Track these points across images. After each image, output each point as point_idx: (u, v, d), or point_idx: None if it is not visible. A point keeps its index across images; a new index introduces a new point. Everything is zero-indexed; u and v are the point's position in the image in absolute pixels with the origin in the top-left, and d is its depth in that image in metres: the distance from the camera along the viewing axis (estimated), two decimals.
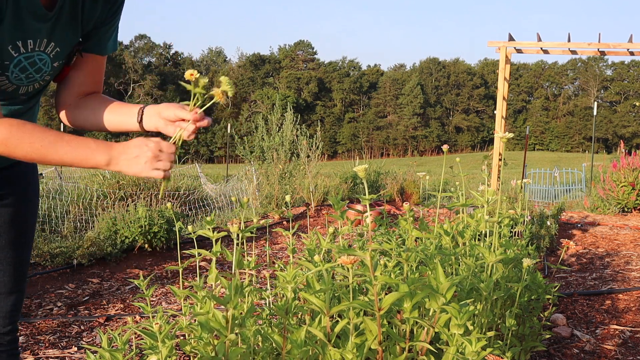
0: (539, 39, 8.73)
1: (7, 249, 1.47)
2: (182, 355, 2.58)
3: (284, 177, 8.17)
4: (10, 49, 1.22)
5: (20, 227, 1.50)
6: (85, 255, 4.36)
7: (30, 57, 1.27)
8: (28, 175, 1.52)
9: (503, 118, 8.78)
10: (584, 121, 70.53)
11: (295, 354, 1.23)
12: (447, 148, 1.86)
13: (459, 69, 78.60)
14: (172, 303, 3.58)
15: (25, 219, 1.51)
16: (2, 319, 1.49)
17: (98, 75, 1.43)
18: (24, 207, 1.51)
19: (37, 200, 1.57)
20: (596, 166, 11.24)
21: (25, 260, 1.53)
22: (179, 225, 1.76)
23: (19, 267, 1.50)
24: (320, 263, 1.44)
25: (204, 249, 1.55)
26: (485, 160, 13.54)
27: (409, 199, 9.13)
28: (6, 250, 1.47)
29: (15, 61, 1.25)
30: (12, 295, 1.50)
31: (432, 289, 1.26)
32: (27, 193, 1.52)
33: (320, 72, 75.38)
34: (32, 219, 1.54)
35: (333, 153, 64.96)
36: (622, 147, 9.18)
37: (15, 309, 1.51)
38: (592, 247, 5.25)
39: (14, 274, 1.49)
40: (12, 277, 1.49)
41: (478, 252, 1.84)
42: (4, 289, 1.48)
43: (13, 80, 1.28)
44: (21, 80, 1.30)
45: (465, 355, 1.26)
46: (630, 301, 3.41)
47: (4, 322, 1.50)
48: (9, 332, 1.51)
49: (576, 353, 2.60)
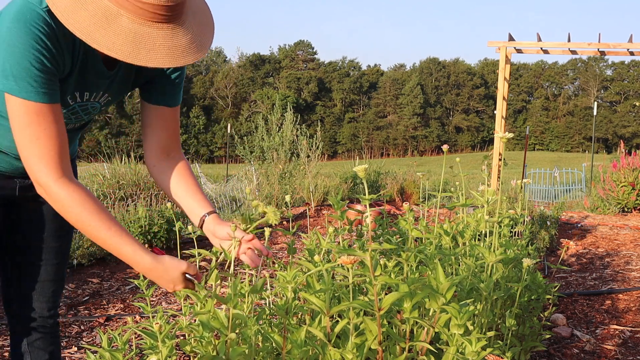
0: (539, 39, 8.73)
1: (50, 239, 1.61)
2: (182, 355, 2.58)
3: (284, 177, 8.17)
4: (68, 98, 1.36)
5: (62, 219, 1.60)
6: (85, 255, 4.36)
7: (84, 105, 1.42)
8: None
9: (503, 118, 8.78)
10: (584, 121, 70.52)
11: (295, 354, 1.23)
12: (447, 148, 1.86)
13: (459, 69, 78.57)
14: (172, 303, 3.58)
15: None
16: (45, 303, 1.64)
17: (172, 129, 1.52)
18: None
19: None
20: (596, 166, 11.24)
21: (66, 250, 1.68)
22: (179, 225, 1.76)
23: (61, 256, 1.65)
24: (320, 263, 1.44)
25: (204, 249, 1.55)
26: (485, 160, 13.54)
27: (409, 199, 9.13)
28: (49, 241, 1.61)
29: (70, 108, 1.39)
30: (54, 282, 1.64)
31: (432, 289, 1.26)
32: None
33: (320, 72, 75.37)
34: None
35: (333, 153, 64.94)
36: (622, 147, 9.18)
37: (57, 294, 1.67)
38: (592, 247, 5.25)
39: (57, 263, 1.64)
40: (54, 266, 1.63)
41: (478, 252, 1.84)
42: (47, 277, 1.62)
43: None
44: (69, 119, 1.44)
45: (465, 355, 1.26)
46: (630, 301, 3.41)
47: (48, 307, 1.65)
48: (52, 316, 1.67)
49: (576, 353, 2.60)
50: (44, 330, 1.66)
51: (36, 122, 1.20)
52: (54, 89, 1.22)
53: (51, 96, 1.22)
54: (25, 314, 1.63)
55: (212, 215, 1.46)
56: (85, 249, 4.39)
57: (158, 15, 1.14)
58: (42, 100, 1.19)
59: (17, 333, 1.66)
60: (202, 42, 1.23)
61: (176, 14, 1.17)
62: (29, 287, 1.62)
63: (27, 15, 1.16)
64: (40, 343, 1.66)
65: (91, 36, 1.12)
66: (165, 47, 1.16)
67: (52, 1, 1.13)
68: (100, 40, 1.12)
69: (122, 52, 1.13)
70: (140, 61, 1.14)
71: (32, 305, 1.63)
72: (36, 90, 1.18)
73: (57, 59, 1.22)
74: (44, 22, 1.17)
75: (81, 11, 1.12)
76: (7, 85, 1.17)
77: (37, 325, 1.65)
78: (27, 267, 1.61)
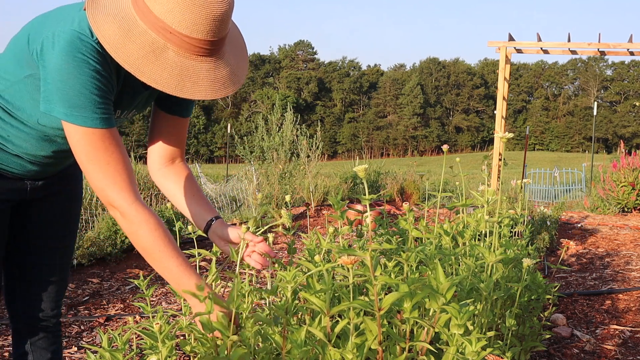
0: (539, 39, 8.73)
1: (55, 240, 1.64)
2: (182, 355, 2.58)
3: (284, 177, 8.17)
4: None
5: (68, 218, 1.69)
6: (85, 255, 4.36)
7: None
8: (78, 175, 1.71)
9: (503, 118, 8.78)
10: (584, 121, 70.52)
11: (295, 354, 1.23)
12: (447, 148, 1.86)
13: (459, 69, 78.57)
14: (172, 303, 3.58)
15: (73, 212, 1.70)
16: (49, 303, 1.66)
17: (181, 136, 1.56)
18: (73, 202, 1.70)
19: (81, 196, 1.76)
20: (596, 166, 11.24)
21: (70, 249, 1.71)
22: (179, 225, 1.75)
23: (65, 255, 1.68)
24: (321, 263, 1.43)
25: (204, 248, 1.55)
26: (485, 160, 13.54)
27: (409, 199, 9.13)
28: (54, 242, 1.64)
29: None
30: (58, 282, 1.67)
31: (432, 289, 1.26)
32: (76, 191, 1.71)
33: (320, 72, 75.37)
34: (78, 213, 1.74)
35: (333, 153, 64.94)
36: (622, 147, 9.19)
37: (60, 294, 1.70)
38: (592, 247, 5.25)
39: (61, 263, 1.67)
40: (59, 266, 1.66)
41: (478, 252, 1.84)
42: (52, 277, 1.65)
43: None
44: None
45: (465, 355, 1.26)
46: (630, 301, 3.41)
47: (52, 306, 1.67)
48: (55, 315, 1.69)
49: (576, 353, 2.60)
50: (47, 330, 1.68)
51: (103, 149, 1.22)
52: (111, 114, 1.26)
53: (111, 121, 1.25)
54: (29, 314, 1.65)
55: (219, 220, 1.49)
56: (85, 249, 4.38)
57: (203, 50, 1.18)
58: (106, 125, 1.22)
59: (19, 333, 1.67)
60: (239, 73, 1.28)
61: (219, 47, 1.21)
62: (34, 287, 1.63)
63: (80, 47, 1.18)
64: (43, 342, 1.67)
65: (140, 70, 1.16)
66: (208, 79, 1.21)
67: (102, 35, 1.16)
68: (149, 73, 1.16)
69: (169, 85, 1.17)
70: (185, 94, 1.19)
71: (37, 305, 1.64)
72: (100, 117, 1.21)
73: (111, 84, 1.26)
74: (97, 52, 1.20)
75: (130, 44, 1.15)
76: (70, 116, 1.19)
77: (40, 325, 1.66)
78: (33, 267, 1.63)
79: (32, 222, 1.60)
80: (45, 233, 1.62)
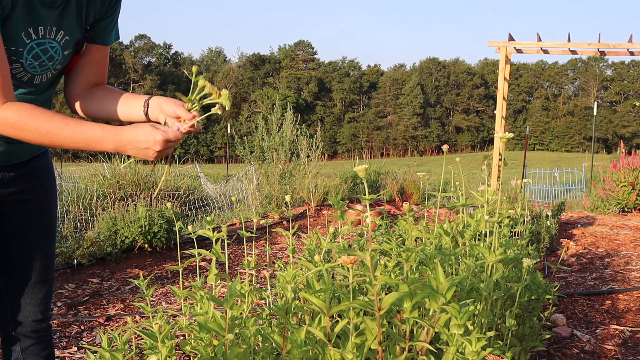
0: (539, 39, 8.73)
1: (37, 238, 1.57)
2: (182, 355, 2.58)
3: (284, 177, 8.17)
4: (23, 35, 1.30)
5: (46, 216, 1.61)
6: (85, 255, 4.36)
7: (42, 44, 1.35)
8: (49, 168, 1.63)
9: (503, 118, 8.78)
10: (584, 121, 70.53)
11: (295, 354, 1.23)
12: (447, 148, 1.86)
13: (459, 69, 78.58)
14: (172, 303, 3.58)
15: (50, 209, 1.62)
16: (37, 307, 1.60)
17: (103, 65, 1.52)
18: (48, 198, 1.61)
19: (56, 191, 1.68)
20: (596, 166, 11.24)
21: (53, 248, 1.63)
22: (179, 225, 1.75)
23: (49, 256, 1.61)
24: (321, 263, 1.43)
25: (204, 249, 1.55)
26: (485, 160, 13.54)
27: (409, 199, 9.13)
28: (36, 240, 1.57)
29: (28, 47, 1.32)
30: (44, 284, 1.60)
31: (432, 289, 1.26)
32: (49, 185, 1.62)
33: (320, 72, 75.37)
34: (55, 208, 1.65)
35: (333, 153, 64.94)
36: (622, 147, 9.18)
37: (48, 297, 1.62)
38: (592, 247, 5.25)
39: (45, 263, 1.60)
40: (43, 265, 1.59)
41: (478, 252, 1.84)
42: (36, 278, 1.58)
43: (27, 68, 1.35)
44: (35, 68, 1.37)
45: (465, 355, 1.26)
46: (630, 301, 3.41)
47: (40, 310, 1.60)
48: (44, 319, 1.62)
49: (576, 353, 2.60)
50: (37, 335, 1.62)
51: None
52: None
53: None
54: (18, 320, 1.59)
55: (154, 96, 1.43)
56: (85, 249, 4.38)
57: None
58: None
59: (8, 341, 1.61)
60: None
61: None
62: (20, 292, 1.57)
63: None
64: (34, 349, 1.62)
65: None
66: None
67: None
68: None
69: None
70: None
71: (25, 311, 1.58)
72: None
73: None
74: None
75: None
76: None
77: (30, 330, 1.60)
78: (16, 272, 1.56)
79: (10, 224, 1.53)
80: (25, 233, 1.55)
